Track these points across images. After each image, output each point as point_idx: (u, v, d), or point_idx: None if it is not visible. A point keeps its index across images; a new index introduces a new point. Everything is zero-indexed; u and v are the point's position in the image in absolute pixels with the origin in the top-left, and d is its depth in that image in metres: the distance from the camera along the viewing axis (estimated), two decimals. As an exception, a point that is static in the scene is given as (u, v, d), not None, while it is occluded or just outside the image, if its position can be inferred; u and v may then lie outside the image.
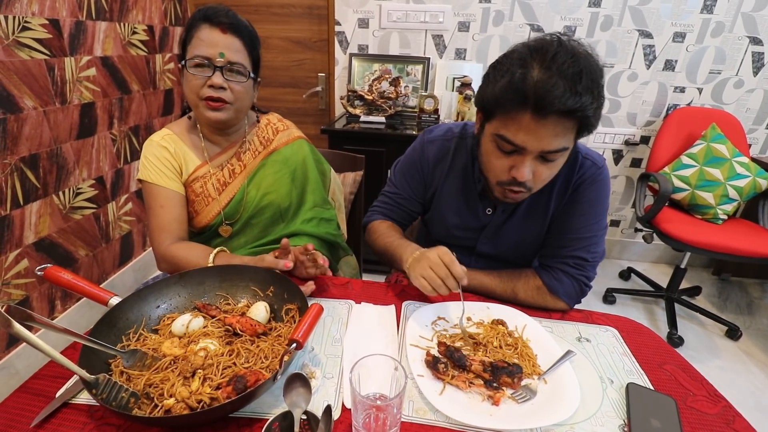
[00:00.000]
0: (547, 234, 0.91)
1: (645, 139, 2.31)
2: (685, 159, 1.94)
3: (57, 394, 0.59)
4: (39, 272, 0.67)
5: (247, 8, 2.28)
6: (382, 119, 2.09)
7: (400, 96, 2.14)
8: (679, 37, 2.08)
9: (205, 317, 0.72)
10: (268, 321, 0.73)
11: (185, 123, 1.00)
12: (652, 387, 0.66)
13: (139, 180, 0.95)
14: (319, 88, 2.42)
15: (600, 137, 2.35)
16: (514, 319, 0.78)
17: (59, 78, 1.59)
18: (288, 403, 0.56)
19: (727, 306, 2.21)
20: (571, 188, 0.85)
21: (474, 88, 2.00)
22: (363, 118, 2.11)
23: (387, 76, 2.15)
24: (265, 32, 2.32)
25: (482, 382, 0.64)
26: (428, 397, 0.60)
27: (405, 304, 0.83)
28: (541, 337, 0.74)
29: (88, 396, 0.58)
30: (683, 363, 0.72)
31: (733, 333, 1.93)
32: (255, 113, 1.07)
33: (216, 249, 0.90)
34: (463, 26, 2.17)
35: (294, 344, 0.59)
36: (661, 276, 2.34)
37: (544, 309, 0.84)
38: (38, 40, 1.49)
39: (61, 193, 1.65)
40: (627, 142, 2.33)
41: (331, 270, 1.09)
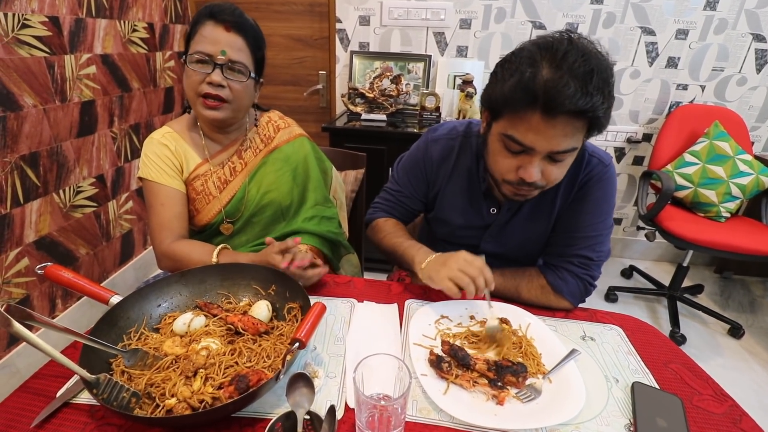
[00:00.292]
0: (552, 232, 0.90)
1: (647, 137, 2.30)
2: (687, 157, 1.93)
3: (57, 394, 0.59)
4: (39, 271, 0.67)
5: (248, 5, 2.27)
6: (384, 117, 2.08)
7: (401, 94, 2.13)
8: (681, 34, 2.06)
9: (206, 316, 0.71)
10: (270, 320, 0.72)
11: (186, 121, 0.99)
12: (657, 386, 0.65)
13: (140, 178, 0.94)
14: (320, 86, 2.41)
15: (602, 135, 2.32)
16: (519, 318, 0.78)
17: (59, 76, 1.58)
18: (291, 402, 0.55)
19: (729, 304, 2.20)
20: (577, 186, 0.84)
21: (476, 85, 1.99)
22: (364, 115, 2.10)
23: (388, 73, 2.14)
24: (266, 30, 2.26)
25: (486, 381, 0.63)
26: (432, 396, 0.60)
27: (408, 302, 0.83)
28: (545, 336, 0.73)
29: (88, 396, 0.58)
30: (688, 362, 0.72)
31: (736, 331, 1.92)
32: (255, 111, 1.06)
33: (219, 246, 0.89)
34: (465, 23, 2.16)
35: (297, 343, 0.58)
36: (664, 274, 2.34)
37: (548, 308, 0.84)
38: (38, 38, 1.48)
39: (61, 191, 1.65)
40: (629, 140, 2.32)
41: (333, 268, 1.10)
